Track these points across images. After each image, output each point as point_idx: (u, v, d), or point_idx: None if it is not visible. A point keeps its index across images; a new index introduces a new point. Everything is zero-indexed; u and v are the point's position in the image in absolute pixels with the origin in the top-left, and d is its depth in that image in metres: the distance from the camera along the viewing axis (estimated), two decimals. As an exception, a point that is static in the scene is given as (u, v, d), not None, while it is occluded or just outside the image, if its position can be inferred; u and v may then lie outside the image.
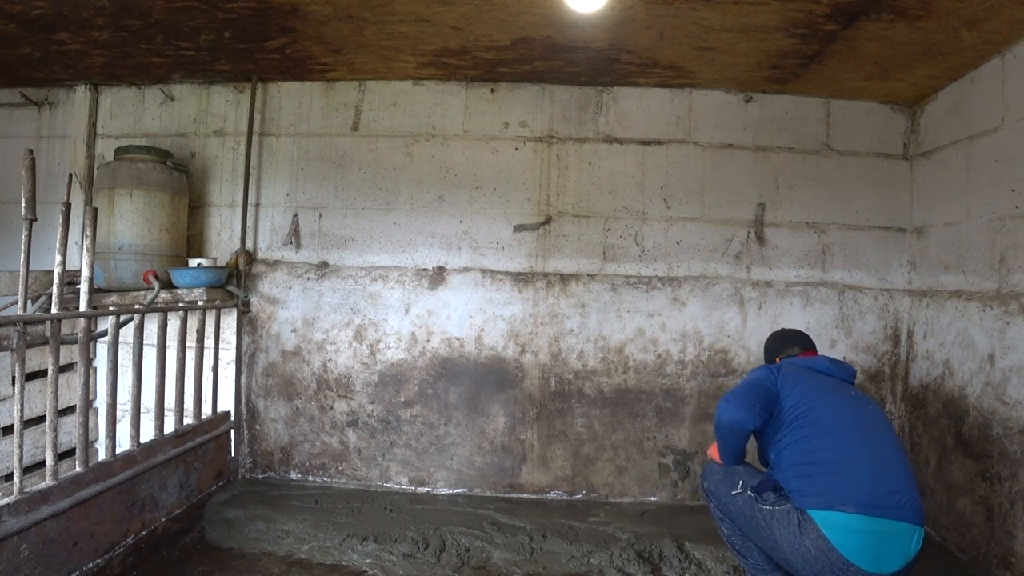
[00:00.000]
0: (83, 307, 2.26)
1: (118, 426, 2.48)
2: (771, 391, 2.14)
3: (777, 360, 2.46)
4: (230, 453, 3.22)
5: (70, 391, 3.09)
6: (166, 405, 2.67)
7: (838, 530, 1.84)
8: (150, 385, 2.63)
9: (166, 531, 2.59)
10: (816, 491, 1.93)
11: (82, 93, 3.44)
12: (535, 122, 3.33)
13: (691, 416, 3.25)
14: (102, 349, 3.26)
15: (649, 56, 2.88)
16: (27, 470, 2.31)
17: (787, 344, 2.53)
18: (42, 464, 2.37)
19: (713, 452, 2.32)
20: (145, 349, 2.62)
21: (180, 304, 2.94)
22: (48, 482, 2.00)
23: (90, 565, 2.15)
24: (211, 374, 3.05)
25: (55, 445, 2.04)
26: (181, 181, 3.23)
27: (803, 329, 3.21)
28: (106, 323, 2.47)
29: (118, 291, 3.05)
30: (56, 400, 2.08)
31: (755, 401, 2.12)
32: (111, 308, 2.38)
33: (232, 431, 3.23)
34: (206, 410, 3.03)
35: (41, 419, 2.86)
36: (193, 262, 3.13)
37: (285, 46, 2.91)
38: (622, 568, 2.56)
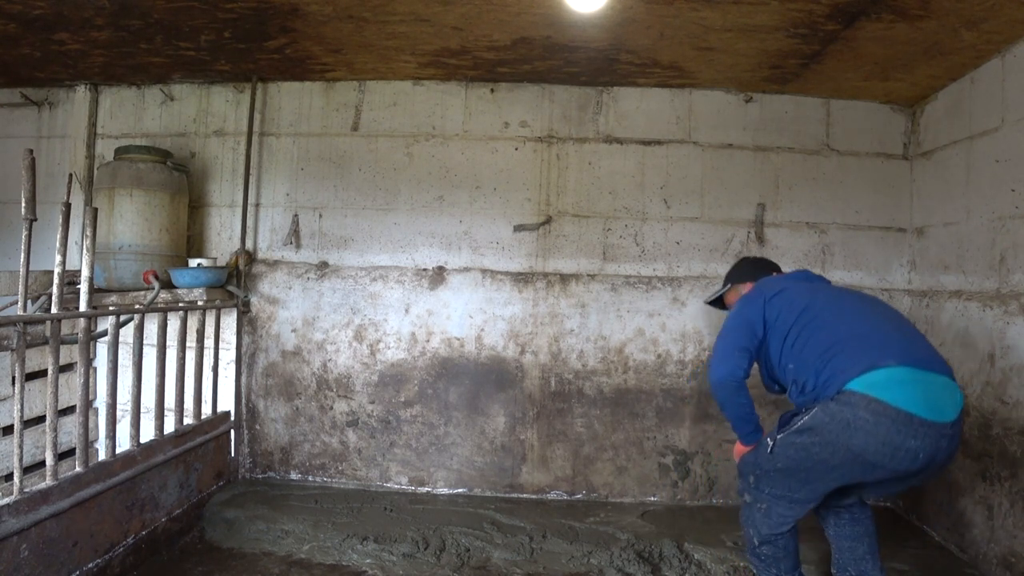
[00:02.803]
0: (83, 307, 2.26)
1: (118, 426, 2.48)
2: (753, 320, 2.10)
3: (751, 285, 2.38)
4: (230, 453, 3.22)
5: (70, 391, 3.09)
6: (166, 405, 2.67)
7: (886, 385, 1.77)
8: (150, 385, 2.63)
9: (166, 531, 2.59)
10: (851, 363, 1.85)
11: (82, 93, 3.44)
12: (535, 122, 3.33)
13: (691, 416, 3.25)
14: (102, 349, 3.26)
15: (649, 56, 2.88)
16: (27, 470, 2.31)
17: (761, 269, 2.47)
18: (42, 464, 2.37)
19: (738, 450, 2.23)
20: (145, 349, 2.62)
21: (180, 304, 2.94)
22: (48, 482, 2.00)
23: (90, 565, 2.15)
24: (211, 374, 3.05)
25: (55, 445, 2.04)
26: (181, 181, 3.23)
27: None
28: (106, 323, 2.47)
29: (118, 291, 3.05)
30: (56, 400, 2.08)
31: (733, 347, 2.09)
32: (111, 308, 2.38)
33: (232, 431, 3.23)
34: (206, 410, 3.03)
35: (41, 419, 2.86)
36: (193, 262, 3.13)
37: (285, 46, 2.91)
38: (622, 568, 2.56)
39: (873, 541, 2.16)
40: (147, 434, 2.57)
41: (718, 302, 2.64)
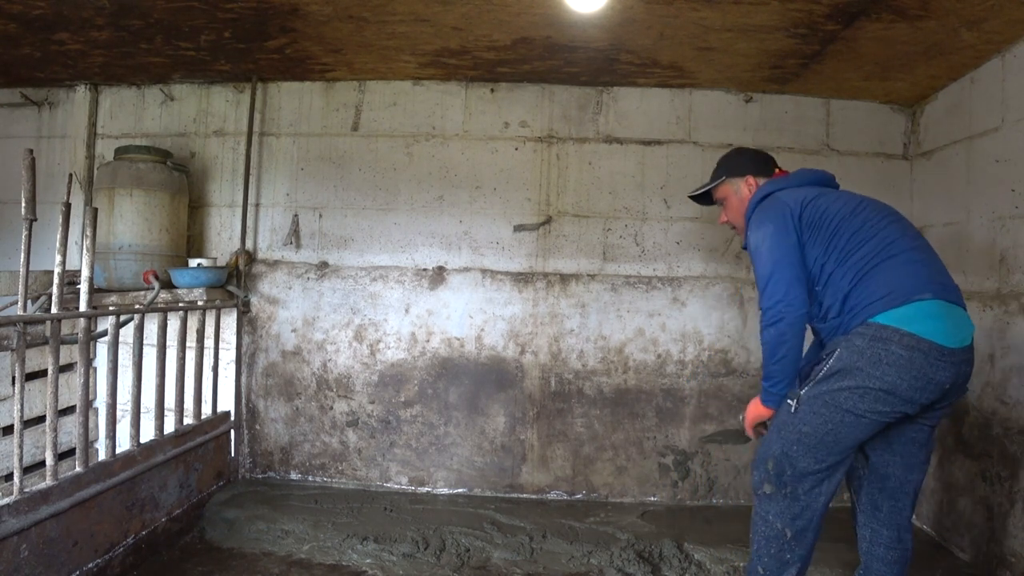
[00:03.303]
0: (83, 307, 2.26)
1: (118, 426, 2.48)
2: (794, 244, 1.93)
3: (752, 180, 2.21)
4: (230, 453, 3.22)
5: (70, 391, 3.09)
6: (166, 405, 2.67)
7: (919, 319, 1.74)
8: (150, 385, 2.63)
9: (166, 531, 2.59)
10: (882, 292, 1.79)
11: (82, 93, 3.44)
12: (535, 122, 3.33)
13: (691, 416, 3.25)
14: (102, 349, 3.26)
15: (649, 56, 2.88)
16: (27, 470, 2.31)
17: (763, 163, 2.26)
18: (42, 464, 2.36)
19: (753, 414, 2.04)
20: (145, 349, 2.62)
21: (180, 304, 2.94)
22: (48, 482, 2.00)
23: (90, 565, 2.15)
24: (211, 374, 3.05)
25: (55, 445, 2.04)
26: (181, 181, 3.23)
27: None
28: (106, 323, 2.47)
29: (118, 291, 3.05)
30: (56, 400, 2.07)
31: (793, 278, 1.90)
32: (111, 308, 2.38)
33: (232, 431, 3.23)
34: (206, 410, 3.03)
35: (41, 419, 2.86)
36: (193, 262, 3.13)
37: (285, 46, 2.91)
38: (622, 568, 2.56)
39: (904, 571, 2.02)
40: (147, 434, 2.57)
41: (704, 197, 2.39)
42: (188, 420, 2.89)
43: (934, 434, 1.96)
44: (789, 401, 1.89)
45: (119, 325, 2.40)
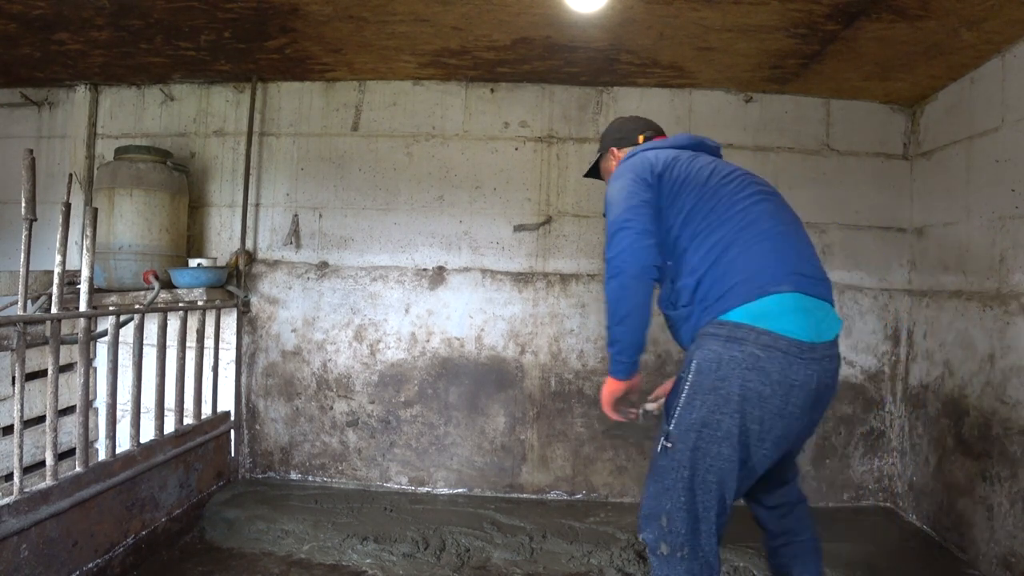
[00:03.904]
0: (83, 307, 2.26)
1: (118, 426, 2.48)
2: (650, 198, 1.74)
3: (616, 151, 2.06)
4: (230, 453, 3.22)
5: (70, 391, 3.09)
6: (166, 405, 2.67)
7: (780, 314, 1.57)
8: (150, 385, 2.63)
9: (166, 531, 2.58)
10: (737, 281, 1.62)
11: (82, 93, 3.44)
12: (535, 122, 3.33)
13: (691, 416, 3.25)
14: (102, 349, 3.26)
15: (649, 56, 2.88)
16: (27, 470, 2.31)
17: (644, 127, 2.12)
18: (42, 464, 2.37)
19: (610, 390, 1.81)
20: (145, 349, 2.62)
21: (180, 304, 2.94)
22: (48, 482, 2.00)
23: (90, 565, 2.15)
24: (211, 374, 3.05)
25: (55, 445, 2.04)
26: (181, 181, 3.23)
27: (803, 329, 3.22)
28: (106, 323, 2.47)
29: (118, 291, 3.05)
30: (56, 400, 2.07)
31: (643, 229, 1.69)
32: (111, 308, 2.38)
33: (232, 431, 3.23)
34: (206, 410, 3.03)
35: (41, 419, 2.86)
36: (193, 262, 3.13)
37: (285, 46, 2.91)
38: (622, 568, 2.56)
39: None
40: (147, 434, 2.57)
41: (595, 171, 2.24)
42: (188, 420, 2.89)
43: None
44: (665, 443, 1.66)
45: (119, 325, 2.40)
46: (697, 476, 1.61)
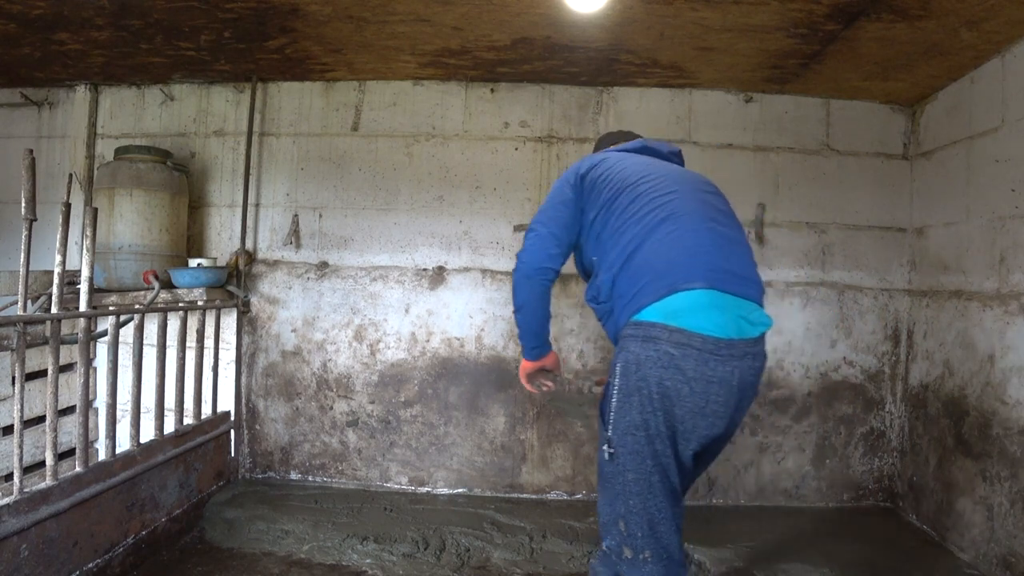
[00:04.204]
0: (83, 307, 2.26)
1: (118, 426, 2.48)
2: (567, 199, 1.83)
3: None
4: (230, 453, 3.22)
5: (70, 391, 3.09)
6: (166, 405, 2.67)
7: (691, 311, 1.56)
8: (150, 385, 2.63)
9: (166, 531, 2.59)
10: (650, 279, 1.62)
11: (82, 93, 3.44)
12: (535, 122, 3.33)
13: (691, 416, 3.25)
14: (102, 349, 3.26)
15: (649, 56, 2.88)
16: (27, 470, 2.31)
17: (613, 140, 2.17)
18: (42, 464, 2.37)
19: (524, 368, 1.97)
20: (145, 349, 2.62)
21: (180, 304, 2.94)
22: (48, 482, 2.00)
23: (90, 565, 2.15)
24: (211, 374, 3.05)
25: (55, 445, 2.04)
26: (181, 181, 3.23)
27: (803, 329, 3.24)
28: (106, 323, 2.47)
29: (118, 291, 3.05)
30: (56, 400, 2.08)
31: (547, 234, 1.80)
32: (111, 308, 2.38)
33: (232, 431, 3.23)
34: (206, 410, 3.03)
35: (41, 419, 2.86)
36: (193, 262, 3.13)
37: (285, 46, 2.91)
38: (622, 568, 2.56)
39: None
40: (147, 434, 2.57)
41: None
42: (188, 420, 2.89)
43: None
44: (608, 449, 1.66)
45: (119, 325, 2.40)
46: (642, 477, 1.61)
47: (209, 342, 3.04)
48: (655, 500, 1.61)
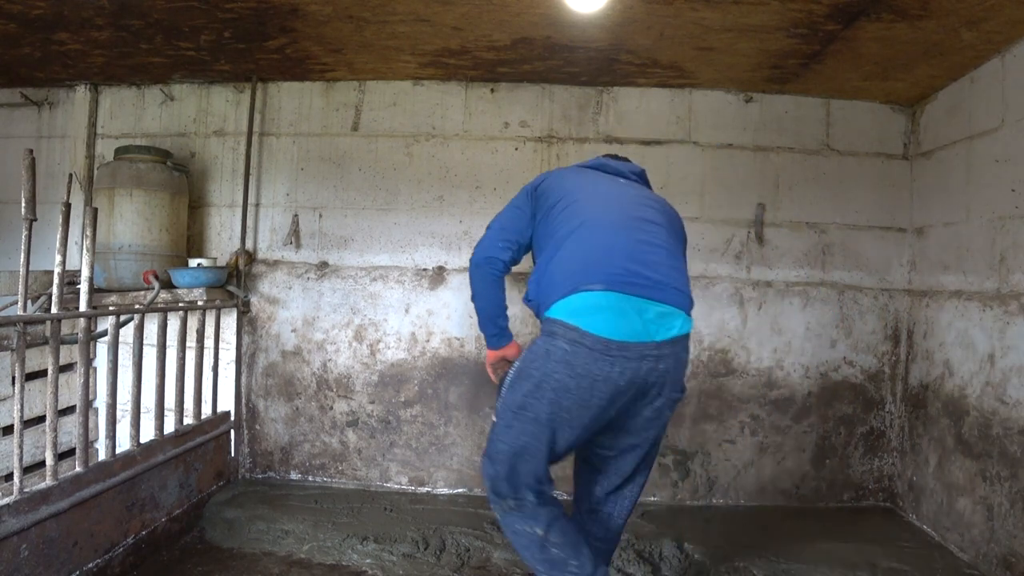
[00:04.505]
0: (83, 307, 2.26)
1: (118, 426, 2.48)
2: (520, 205, 2.02)
3: None
4: (230, 453, 3.22)
5: (70, 391, 3.09)
6: (166, 405, 2.67)
7: (587, 310, 1.67)
8: (150, 385, 2.63)
9: (166, 531, 2.59)
10: (560, 280, 1.74)
11: (82, 93, 3.44)
12: (535, 122, 3.33)
13: (691, 416, 3.25)
14: (102, 349, 3.26)
15: (649, 56, 2.88)
16: (27, 470, 2.31)
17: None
18: (42, 464, 2.37)
19: (489, 356, 2.17)
20: (145, 349, 2.61)
21: (180, 304, 2.94)
22: (48, 482, 2.00)
23: (90, 565, 2.15)
24: (211, 374, 3.05)
25: (55, 445, 2.04)
26: (181, 181, 3.23)
27: (803, 329, 3.24)
28: (106, 323, 2.47)
29: (118, 291, 3.05)
30: (56, 400, 2.08)
31: (498, 231, 2.01)
32: (111, 308, 2.38)
33: (232, 431, 3.23)
34: (206, 410, 3.03)
35: (41, 419, 2.86)
36: (193, 262, 3.13)
37: (285, 46, 2.91)
38: (622, 568, 2.56)
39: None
40: (147, 434, 2.57)
41: None
42: (188, 420, 2.89)
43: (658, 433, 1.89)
44: (493, 417, 1.85)
45: (119, 325, 2.40)
46: (515, 449, 1.78)
47: (209, 342, 3.04)
48: (521, 467, 1.79)
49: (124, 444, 2.50)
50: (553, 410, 1.72)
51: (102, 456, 2.35)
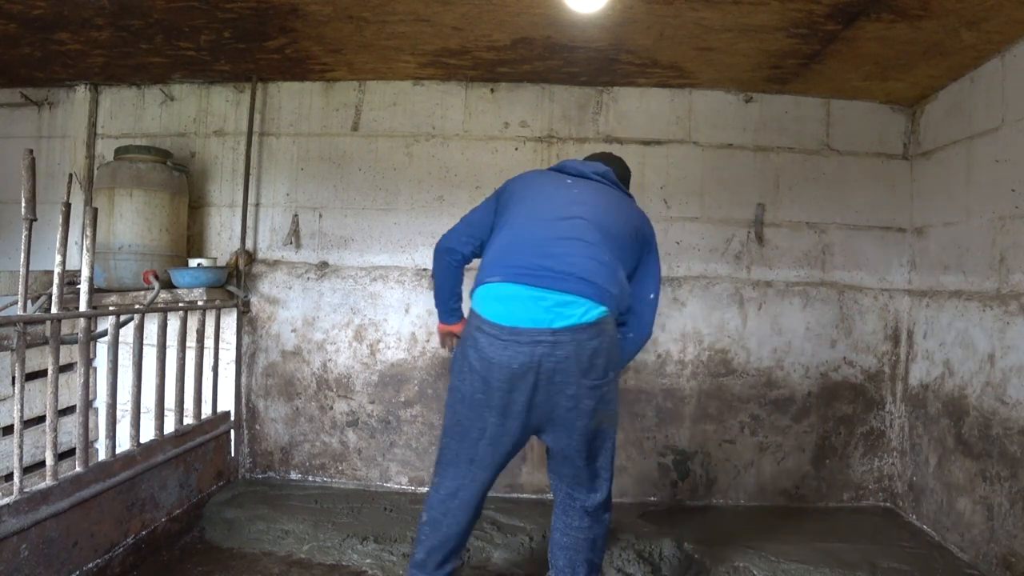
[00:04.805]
0: (83, 307, 2.26)
1: (118, 426, 2.48)
2: (487, 203, 2.17)
3: None
4: (230, 453, 3.22)
5: (70, 391, 3.09)
6: (166, 405, 2.67)
7: (484, 300, 1.87)
8: (150, 385, 2.63)
9: (166, 531, 2.59)
10: (477, 276, 1.94)
11: (82, 93, 3.44)
12: (535, 122, 3.33)
13: (691, 416, 3.25)
14: (102, 349, 3.26)
15: (649, 56, 2.88)
16: (27, 470, 2.31)
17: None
18: (42, 464, 2.36)
19: (439, 328, 2.34)
20: (145, 349, 2.61)
21: (180, 304, 2.94)
22: (48, 482, 2.00)
23: (90, 565, 2.15)
24: (211, 374, 3.05)
25: (55, 445, 2.04)
26: (181, 181, 3.23)
27: (803, 329, 3.24)
28: (106, 323, 2.47)
29: (118, 291, 3.05)
30: (56, 400, 2.08)
31: (463, 222, 2.19)
32: (111, 308, 2.38)
33: (232, 431, 3.23)
34: (206, 410, 3.03)
35: (41, 419, 2.86)
36: (193, 262, 3.13)
37: (285, 46, 2.91)
38: (622, 568, 2.56)
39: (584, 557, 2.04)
40: (147, 434, 2.57)
41: None
42: (188, 420, 2.90)
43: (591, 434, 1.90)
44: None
45: (119, 325, 2.40)
46: (450, 426, 1.95)
47: (209, 342, 3.04)
48: (458, 448, 1.93)
49: (124, 444, 2.50)
50: (473, 393, 1.86)
51: (102, 456, 2.35)
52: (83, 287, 2.26)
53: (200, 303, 2.99)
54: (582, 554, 2.02)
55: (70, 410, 3.05)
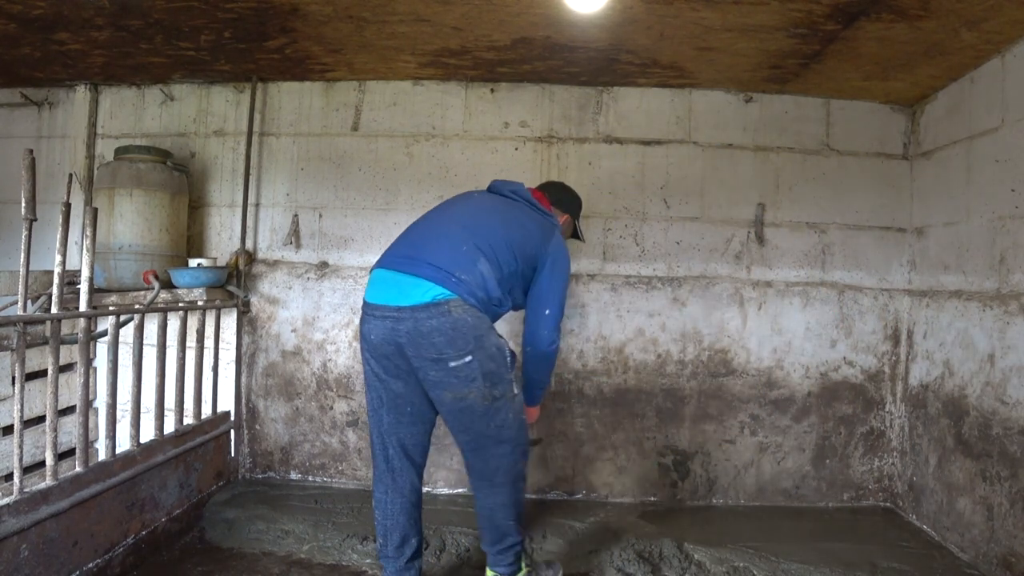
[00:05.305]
0: (83, 307, 2.26)
1: (118, 426, 2.48)
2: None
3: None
4: (230, 453, 3.22)
5: (70, 391, 3.09)
6: (166, 405, 2.67)
7: (368, 284, 2.17)
8: (150, 385, 2.63)
9: (166, 531, 2.59)
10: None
11: (82, 93, 3.44)
12: (535, 122, 3.33)
13: (691, 416, 3.25)
14: (102, 349, 3.26)
15: (649, 56, 2.88)
16: (27, 470, 2.31)
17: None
18: (42, 464, 2.37)
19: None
20: (145, 349, 2.62)
21: (180, 304, 2.94)
22: (48, 482, 2.00)
23: (90, 565, 2.15)
24: (211, 374, 3.05)
25: (55, 445, 2.04)
26: (181, 181, 3.23)
27: (803, 329, 3.24)
28: (106, 323, 2.48)
29: (118, 291, 3.05)
30: (56, 400, 2.08)
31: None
32: (111, 308, 2.38)
33: (232, 431, 3.23)
34: (206, 410, 3.03)
35: (41, 419, 2.86)
36: (193, 262, 3.13)
37: (285, 46, 2.91)
38: (622, 568, 2.56)
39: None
40: (147, 434, 2.57)
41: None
42: (188, 420, 2.90)
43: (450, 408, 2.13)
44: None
45: (119, 325, 2.40)
46: (368, 401, 2.24)
47: (209, 342, 3.04)
48: (376, 425, 2.22)
49: (124, 444, 2.50)
50: (367, 366, 2.18)
51: (102, 456, 2.35)
52: (83, 287, 2.26)
53: (200, 303, 2.99)
54: (483, 519, 2.27)
55: (70, 410, 3.05)
